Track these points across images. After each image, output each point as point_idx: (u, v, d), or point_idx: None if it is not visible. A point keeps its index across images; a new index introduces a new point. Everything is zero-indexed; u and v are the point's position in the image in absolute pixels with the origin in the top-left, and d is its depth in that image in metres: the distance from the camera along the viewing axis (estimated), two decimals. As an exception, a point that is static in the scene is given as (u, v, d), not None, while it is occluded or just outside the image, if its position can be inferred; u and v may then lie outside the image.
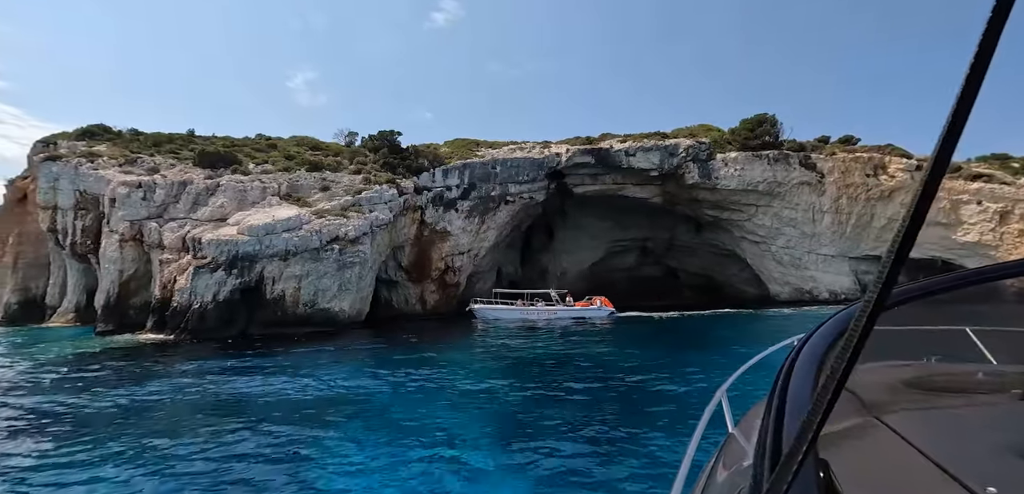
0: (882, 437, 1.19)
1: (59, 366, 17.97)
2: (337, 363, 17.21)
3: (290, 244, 25.22)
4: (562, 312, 36.49)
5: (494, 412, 11.54)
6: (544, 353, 19.61)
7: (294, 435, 10.00)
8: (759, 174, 40.91)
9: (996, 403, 1.50)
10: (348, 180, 33.00)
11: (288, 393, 13.26)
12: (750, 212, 42.65)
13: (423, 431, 10.03)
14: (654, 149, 42.89)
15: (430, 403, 12.17)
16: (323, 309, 26.43)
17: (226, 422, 10.88)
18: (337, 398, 12.76)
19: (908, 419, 1.26)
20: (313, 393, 13.20)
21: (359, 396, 12.96)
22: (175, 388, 14.10)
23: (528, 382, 14.23)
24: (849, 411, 1.37)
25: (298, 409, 11.85)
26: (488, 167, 41.97)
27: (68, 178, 28.47)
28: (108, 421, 11.35)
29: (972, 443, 1.15)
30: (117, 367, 17.56)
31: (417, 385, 14.00)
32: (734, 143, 42.74)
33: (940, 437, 1.14)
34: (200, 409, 12.16)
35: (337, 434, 10.05)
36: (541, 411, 11.46)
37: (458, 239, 40.65)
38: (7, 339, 30.21)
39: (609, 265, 56.04)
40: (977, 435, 1.19)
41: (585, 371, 15.94)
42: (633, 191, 45.75)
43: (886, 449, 1.14)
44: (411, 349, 20.93)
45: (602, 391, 13.25)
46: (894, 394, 1.61)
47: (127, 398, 13.23)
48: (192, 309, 23.01)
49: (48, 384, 15.22)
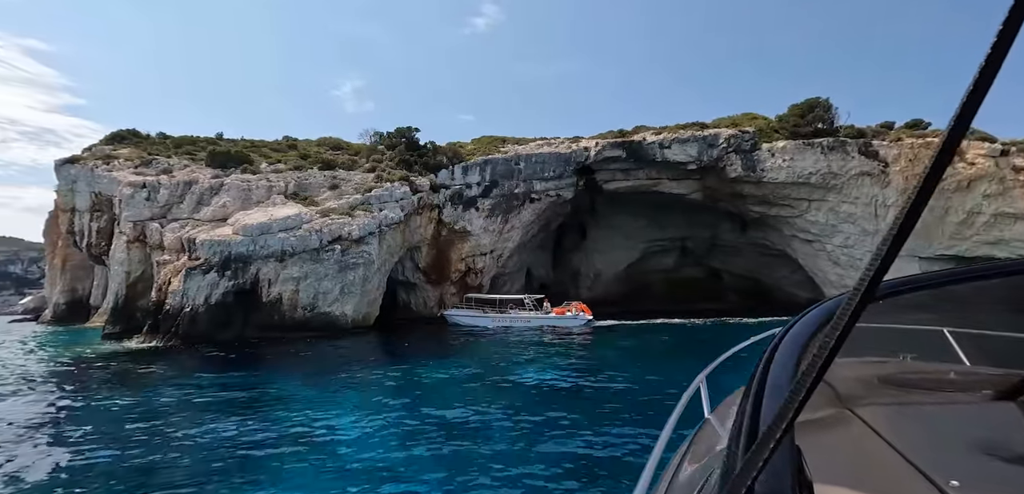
0: (854, 429, 1.22)
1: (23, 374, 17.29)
2: (314, 380, 15.46)
3: (287, 244, 23.97)
4: (537, 319, 34.40)
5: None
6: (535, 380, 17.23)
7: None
8: (811, 164, 36.66)
9: (966, 402, 1.51)
10: (360, 178, 31.70)
11: (222, 431, 11.34)
12: (801, 207, 38.36)
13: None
14: (691, 140, 39.43)
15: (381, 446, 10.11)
16: (323, 313, 25.02)
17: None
18: (276, 439, 10.85)
19: (880, 413, 1.29)
20: (245, 436, 11.19)
21: (305, 434, 10.98)
22: (87, 406, 12.73)
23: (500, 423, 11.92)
24: (824, 402, 1.43)
25: (208, 457, 9.82)
26: (511, 163, 39.80)
27: (85, 180, 28.59)
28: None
29: (940, 439, 1.18)
30: (70, 375, 16.63)
31: (373, 425, 11.94)
32: (782, 132, 38.64)
33: (909, 432, 1.17)
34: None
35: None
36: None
37: (479, 239, 38.71)
38: (34, 339, 30.90)
39: (645, 267, 52.60)
40: (945, 432, 1.23)
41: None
42: (669, 186, 42.37)
43: (857, 440, 1.17)
44: (395, 362, 19.03)
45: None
46: (868, 389, 1.63)
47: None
48: (183, 312, 22.15)
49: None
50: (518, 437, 9.66)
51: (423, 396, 12.75)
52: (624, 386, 14.28)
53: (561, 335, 27.60)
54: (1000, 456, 1.08)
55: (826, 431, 1.25)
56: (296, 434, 10.06)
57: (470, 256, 38.80)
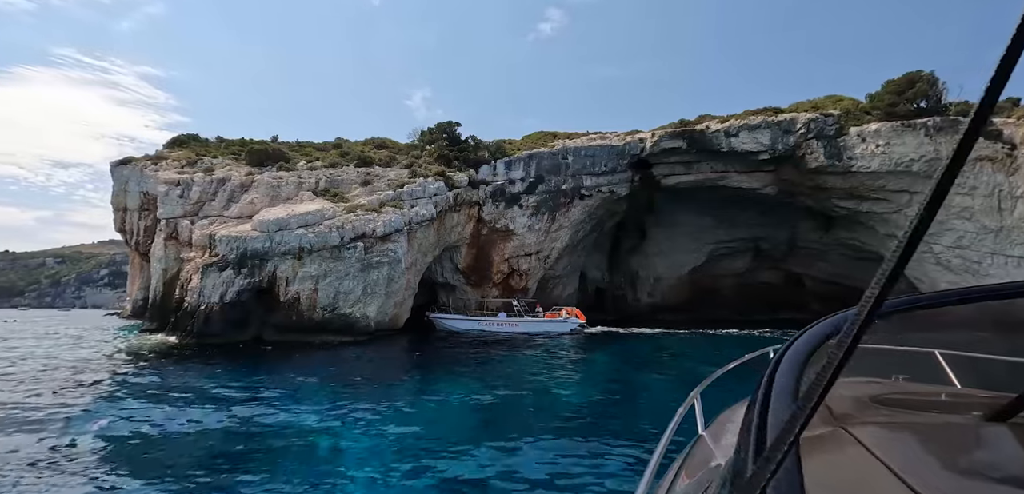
0: (848, 447, 1.22)
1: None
2: (296, 394, 13.74)
3: (305, 241, 22.86)
4: (527, 325, 32.38)
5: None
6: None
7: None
8: (913, 149, 30.92)
9: (958, 423, 1.51)
10: (394, 174, 30.40)
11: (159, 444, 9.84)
12: (900, 201, 32.51)
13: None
14: (763, 126, 34.82)
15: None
16: (343, 314, 23.66)
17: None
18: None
19: (874, 432, 1.28)
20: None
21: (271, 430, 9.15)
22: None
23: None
24: (819, 421, 1.42)
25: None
26: (558, 158, 37.11)
27: (135, 181, 29.49)
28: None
29: (933, 459, 1.18)
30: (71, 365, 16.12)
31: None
32: (874, 113, 33.07)
33: (903, 451, 1.17)
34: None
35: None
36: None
37: (523, 238, 36.31)
38: (99, 332, 32.41)
39: (713, 270, 47.79)
40: (938, 452, 1.22)
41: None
42: (738, 180, 37.79)
43: (851, 458, 1.17)
44: (397, 375, 17.04)
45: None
46: (862, 408, 1.64)
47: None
48: (199, 310, 21.61)
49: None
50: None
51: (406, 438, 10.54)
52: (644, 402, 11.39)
53: (545, 341, 25.74)
54: (991, 477, 1.09)
55: (821, 449, 1.25)
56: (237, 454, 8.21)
57: (513, 257, 36.50)
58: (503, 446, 8.47)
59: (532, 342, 25.00)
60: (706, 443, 1.67)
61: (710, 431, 1.79)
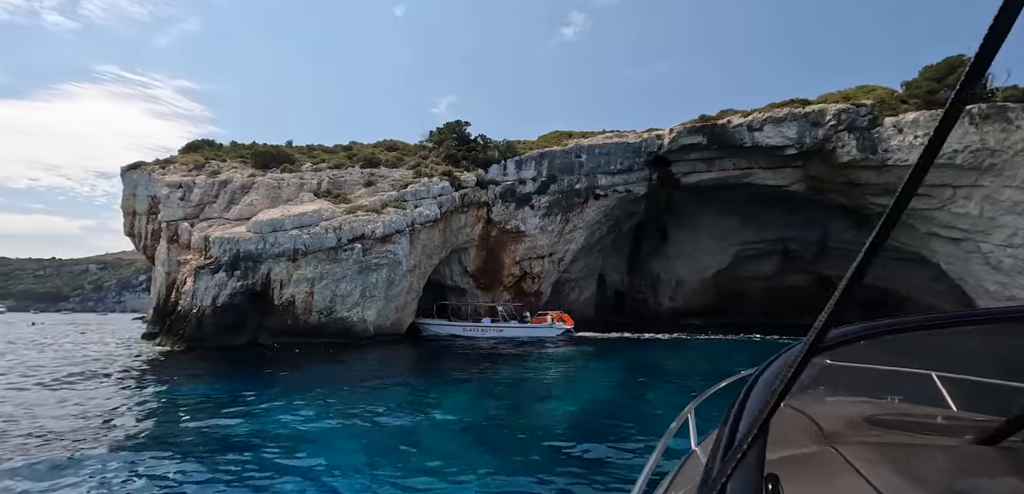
0: (835, 465, 1.24)
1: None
2: (268, 407, 12.85)
3: (299, 242, 22.19)
4: (512, 329, 31.28)
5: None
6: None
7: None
8: (956, 139, 28.38)
9: (948, 445, 1.50)
10: (399, 175, 29.65)
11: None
12: (944, 196, 29.95)
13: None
14: (788, 119, 32.75)
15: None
16: (340, 318, 22.87)
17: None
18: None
19: (862, 451, 1.29)
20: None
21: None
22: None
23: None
24: (808, 439, 1.45)
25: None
26: (571, 156, 35.77)
27: (143, 184, 29.56)
28: None
29: (918, 480, 1.17)
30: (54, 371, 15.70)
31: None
32: (912, 102, 30.64)
33: (888, 471, 1.17)
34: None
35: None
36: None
37: (535, 240, 35.06)
38: (114, 335, 32.63)
39: (739, 273, 45.49)
40: (924, 473, 1.22)
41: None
42: (763, 177, 35.70)
43: (835, 475, 1.19)
44: (367, 387, 16.00)
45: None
46: (853, 427, 1.63)
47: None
48: (191, 314, 21.14)
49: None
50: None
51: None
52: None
53: (529, 347, 24.65)
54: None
55: (807, 465, 1.28)
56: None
57: (525, 259, 35.28)
58: (493, 475, 7.30)
59: (537, 352, 23.73)
60: (698, 458, 1.66)
61: (703, 446, 1.78)
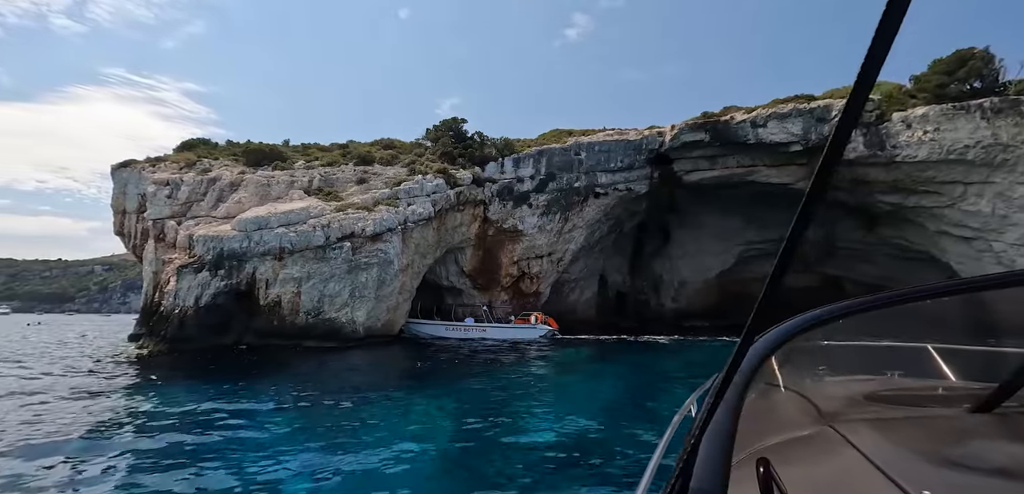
0: (833, 443, 1.26)
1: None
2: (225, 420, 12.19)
3: (285, 240, 21.59)
4: (495, 331, 30.94)
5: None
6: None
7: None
8: (967, 134, 27.46)
9: (946, 416, 1.52)
10: (392, 172, 29.03)
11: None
12: (954, 193, 29.00)
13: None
14: (793, 115, 31.89)
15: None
16: (329, 319, 22.22)
17: None
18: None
19: (860, 428, 1.30)
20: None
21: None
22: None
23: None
24: (807, 420, 1.46)
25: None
26: (570, 154, 35.03)
27: (133, 183, 29.07)
28: None
29: (916, 452, 1.18)
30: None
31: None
32: (921, 97, 29.71)
33: (886, 445, 1.18)
34: None
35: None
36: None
37: (533, 239, 34.34)
38: (101, 336, 32.19)
39: (743, 274, 44.53)
40: (923, 445, 1.22)
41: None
42: (767, 175, 34.81)
43: (834, 453, 1.20)
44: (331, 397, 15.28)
45: None
46: (852, 405, 1.63)
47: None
48: (173, 314, 20.56)
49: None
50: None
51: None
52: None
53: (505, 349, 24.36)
54: (972, 467, 1.11)
55: (806, 446, 1.29)
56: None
57: (523, 259, 34.56)
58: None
59: (524, 359, 22.91)
60: None
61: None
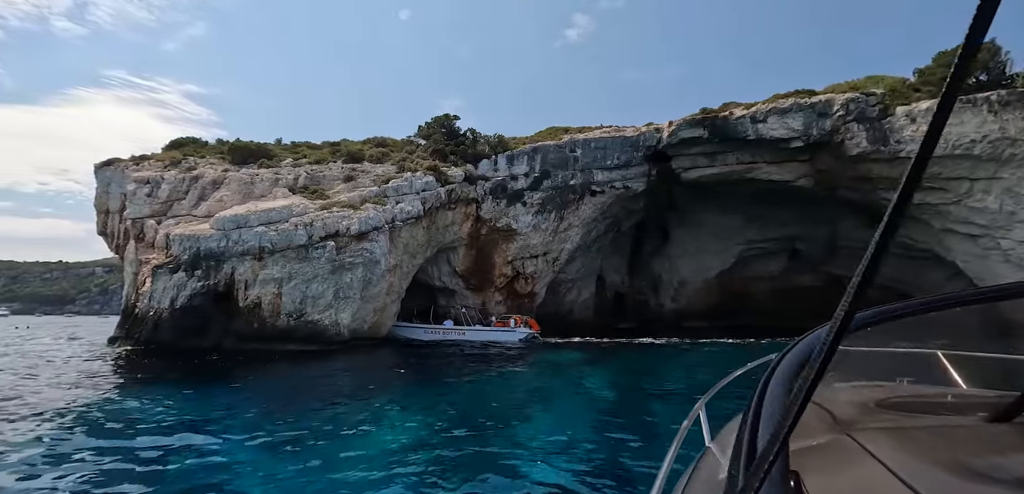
0: (852, 453, 1.23)
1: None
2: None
3: (265, 239, 20.87)
4: (474, 333, 29.93)
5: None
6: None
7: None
8: (974, 128, 26.59)
9: (961, 424, 1.49)
10: (381, 170, 28.30)
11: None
12: (960, 189, 28.13)
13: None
14: (794, 110, 31.06)
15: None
16: (311, 321, 21.44)
17: None
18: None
19: (877, 437, 1.27)
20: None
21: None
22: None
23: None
24: (822, 428, 1.43)
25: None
26: (565, 151, 34.27)
27: (116, 182, 28.43)
28: None
29: (937, 461, 1.14)
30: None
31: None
32: (925, 90, 28.85)
33: (906, 455, 1.15)
34: None
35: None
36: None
37: (527, 239, 33.56)
38: (87, 335, 31.51)
39: (743, 273, 43.72)
40: (942, 454, 1.19)
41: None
42: (768, 172, 33.98)
43: (854, 464, 1.18)
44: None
45: None
46: (866, 413, 1.63)
47: None
48: (148, 317, 19.85)
49: None
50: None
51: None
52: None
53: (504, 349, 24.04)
54: (995, 478, 1.08)
55: (824, 456, 1.26)
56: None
57: (518, 258, 33.78)
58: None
59: (507, 366, 22.04)
60: (713, 454, 1.65)
61: (717, 442, 1.75)
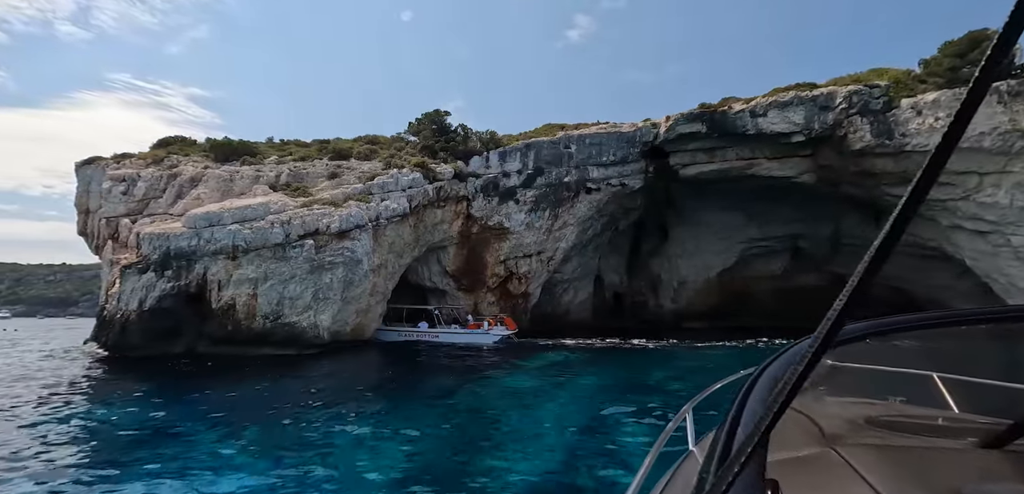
0: (835, 467, 1.22)
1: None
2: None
3: (239, 238, 20.05)
4: (448, 335, 28.95)
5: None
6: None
7: None
8: (983, 120, 25.44)
9: (950, 447, 1.47)
10: (367, 167, 27.49)
11: None
12: (968, 184, 27.00)
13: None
14: (795, 103, 30.03)
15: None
16: (289, 324, 20.58)
17: None
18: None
19: (863, 453, 1.28)
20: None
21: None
22: None
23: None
24: (808, 441, 1.42)
25: None
26: (559, 147, 33.33)
27: (97, 180, 27.74)
28: None
29: (922, 482, 1.16)
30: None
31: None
32: (931, 81, 27.76)
33: (891, 474, 1.15)
34: None
35: None
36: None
37: (521, 237, 32.65)
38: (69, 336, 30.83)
39: (745, 272, 42.65)
40: (928, 476, 1.20)
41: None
42: (768, 168, 32.96)
43: (836, 478, 1.17)
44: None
45: None
46: (854, 429, 1.60)
47: None
48: (115, 319, 19.08)
49: None
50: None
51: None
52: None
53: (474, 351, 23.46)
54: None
55: (807, 468, 1.25)
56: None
57: (511, 258, 32.87)
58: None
59: (488, 372, 21.17)
60: (696, 459, 1.63)
61: (701, 446, 1.73)
